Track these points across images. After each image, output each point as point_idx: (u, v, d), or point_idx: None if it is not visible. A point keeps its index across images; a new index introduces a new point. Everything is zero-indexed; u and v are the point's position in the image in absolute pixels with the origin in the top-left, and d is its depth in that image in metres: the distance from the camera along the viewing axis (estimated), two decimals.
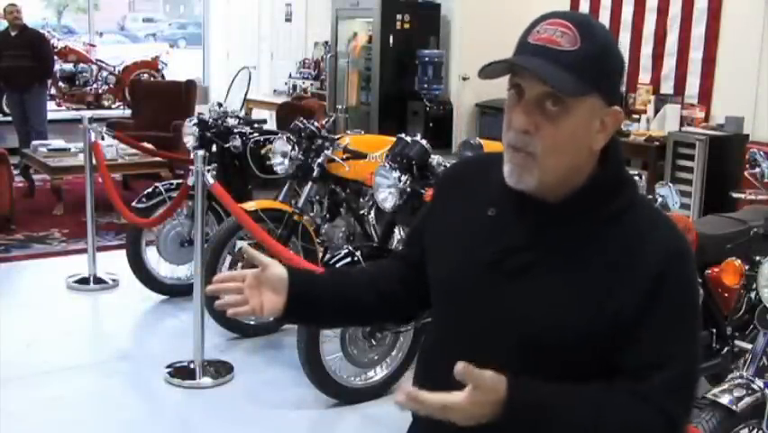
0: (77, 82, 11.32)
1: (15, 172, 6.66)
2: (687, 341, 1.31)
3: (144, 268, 4.71)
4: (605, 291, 1.28)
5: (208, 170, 3.73)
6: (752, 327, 3.07)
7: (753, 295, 2.97)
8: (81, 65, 11.34)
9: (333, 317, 1.63)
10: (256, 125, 5.03)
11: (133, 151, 6.52)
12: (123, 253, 4.74)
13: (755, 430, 2.49)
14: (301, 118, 4.37)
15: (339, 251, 3.55)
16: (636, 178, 3.30)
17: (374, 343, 3.53)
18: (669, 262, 1.29)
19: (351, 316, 1.64)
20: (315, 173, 4.09)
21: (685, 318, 1.31)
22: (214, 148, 4.78)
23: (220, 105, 5.04)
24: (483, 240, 1.38)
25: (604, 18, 6.94)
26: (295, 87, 9.81)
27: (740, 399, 2.39)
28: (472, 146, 4.08)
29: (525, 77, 1.28)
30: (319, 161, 4.08)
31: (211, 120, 4.89)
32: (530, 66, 1.26)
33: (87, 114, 5.40)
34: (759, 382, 2.47)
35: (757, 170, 3.15)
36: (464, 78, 7.67)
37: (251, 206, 4.03)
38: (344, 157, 4.03)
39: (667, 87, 6.53)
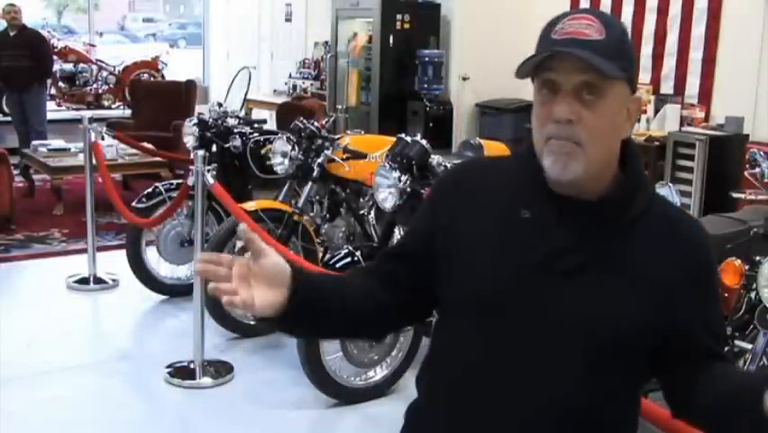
0: (77, 82, 11.31)
1: (15, 172, 6.66)
2: (719, 306, 1.46)
3: (144, 268, 4.71)
4: (658, 285, 1.34)
5: (208, 170, 3.73)
6: (752, 327, 3.06)
7: (753, 295, 2.97)
8: (81, 65, 11.33)
9: (334, 328, 1.51)
10: (256, 125, 5.03)
11: (133, 151, 6.52)
12: (123, 253, 4.74)
13: None
14: (301, 118, 4.37)
15: (339, 251, 3.55)
16: None
17: (374, 343, 3.53)
18: (703, 248, 1.42)
19: (350, 327, 1.52)
20: (315, 173, 4.09)
21: (717, 291, 1.46)
22: (214, 148, 4.78)
23: (220, 105, 5.04)
24: (525, 243, 1.36)
25: None
26: (295, 87, 9.81)
27: None
28: (472, 146, 4.09)
29: (561, 70, 1.31)
30: (319, 161, 4.08)
31: (211, 120, 4.88)
32: (577, 52, 1.28)
33: (87, 114, 5.41)
34: None
35: (757, 170, 3.15)
36: (464, 78, 7.66)
37: (251, 206, 4.03)
38: (344, 157, 4.03)
39: (667, 87, 6.52)
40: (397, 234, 3.64)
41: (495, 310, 1.36)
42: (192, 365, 3.75)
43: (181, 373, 3.75)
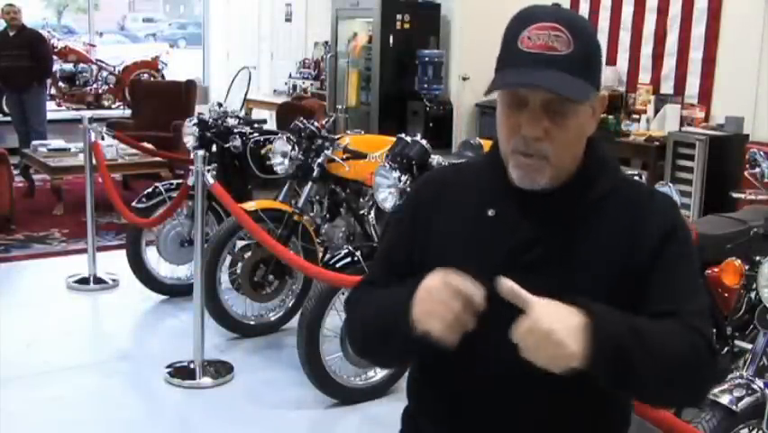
0: (77, 82, 11.30)
1: (15, 172, 6.66)
2: (698, 278, 1.42)
3: (144, 268, 4.71)
4: (622, 255, 1.34)
5: (208, 170, 3.72)
6: (752, 327, 3.06)
7: (753, 295, 2.97)
8: (81, 65, 11.33)
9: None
10: (256, 125, 5.03)
11: (133, 151, 6.52)
12: (123, 253, 4.74)
13: (755, 430, 2.49)
14: (301, 118, 4.37)
15: (339, 251, 3.55)
16: (636, 177, 3.28)
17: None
18: (671, 219, 1.38)
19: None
20: (315, 173, 4.09)
21: (691, 261, 1.41)
22: (214, 148, 4.78)
23: (220, 105, 5.04)
24: (491, 241, 1.39)
25: (604, 18, 6.93)
26: (295, 87, 9.81)
27: (740, 399, 2.39)
28: (472, 146, 4.09)
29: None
30: (319, 161, 4.08)
31: (211, 120, 4.88)
32: (546, 84, 1.28)
33: (87, 114, 5.40)
34: (759, 382, 2.47)
35: (757, 170, 3.15)
36: (464, 78, 7.66)
37: (251, 206, 4.03)
38: (344, 157, 4.03)
39: (667, 87, 6.52)
40: None
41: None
42: (192, 365, 3.75)
43: (181, 373, 3.75)
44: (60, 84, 11.19)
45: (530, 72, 1.29)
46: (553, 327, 1.17)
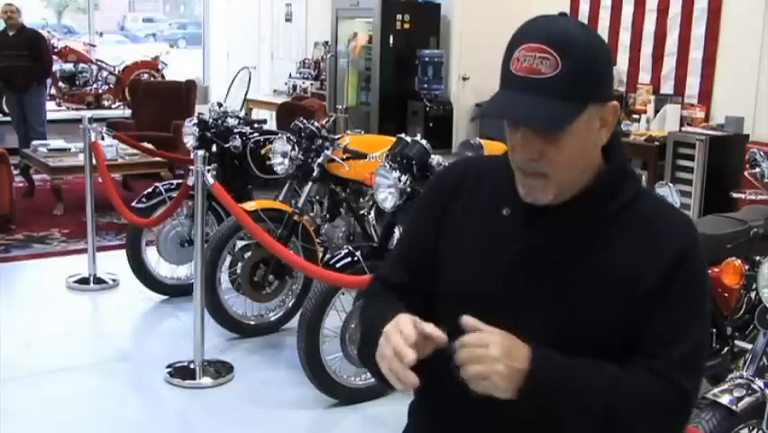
0: (77, 82, 11.30)
1: (15, 172, 6.66)
2: (699, 316, 1.35)
3: (144, 268, 4.71)
4: (630, 277, 1.32)
5: (208, 170, 3.72)
6: (752, 327, 3.07)
7: (753, 295, 2.97)
8: (81, 65, 11.32)
9: None
10: (256, 125, 5.03)
11: (133, 151, 6.52)
12: (123, 253, 4.74)
13: (755, 430, 2.49)
14: (301, 118, 4.37)
15: (339, 251, 3.55)
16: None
17: None
18: (685, 244, 1.34)
19: None
20: (315, 173, 4.09)
21: (699, 295, 1.36)
22: (214, 148, 4.78)
23: (220, 105, 5.03)
24: (503, 240, 1.39)
25: (604, 18, 6.94)
26: (295, 87, 9.81)
27: (740, 399, 2.39)
28: (472, 146, 4.09)
29: None
30: (319, 161, 4.08)
31: (211, 120, 4.88)
32: (518, 115, 1.29)
33: (87, 114, 5.40)
34: (759, 382, 2.47)
35: (757, 170, 3.16)
36: (464, 78, 7.66)
37: (251, 206, 4.03)
38: (344, 157, 4.03)
39: (667, 87, 6.53)
40: (397, 234, 3.64)
41: (474, 306, 1.36)
42: (192, 365, 3.75)
43: (181, 373, 3.75)
44: (60, 84, 11.19)
45: (515, 96, 1.29)
46: (499, 359, 1.22)
